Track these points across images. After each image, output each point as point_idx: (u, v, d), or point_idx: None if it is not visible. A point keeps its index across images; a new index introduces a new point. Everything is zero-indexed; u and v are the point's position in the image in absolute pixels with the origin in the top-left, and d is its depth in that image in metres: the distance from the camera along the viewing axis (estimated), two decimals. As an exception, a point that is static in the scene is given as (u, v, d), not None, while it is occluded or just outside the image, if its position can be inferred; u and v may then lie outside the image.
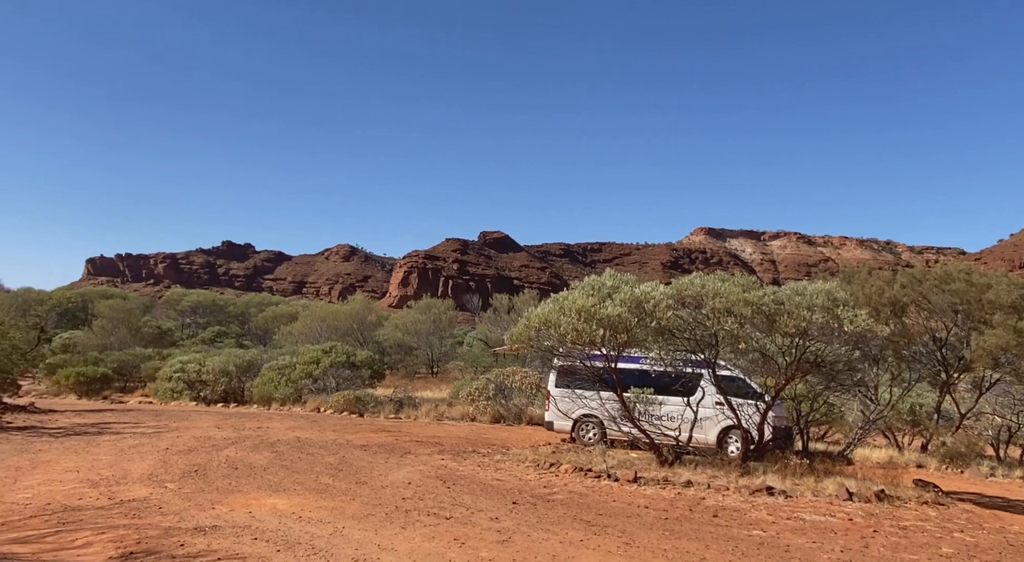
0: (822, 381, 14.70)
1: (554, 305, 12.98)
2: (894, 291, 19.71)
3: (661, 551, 6.59)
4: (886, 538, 7.59)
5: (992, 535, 8.26)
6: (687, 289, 12.97)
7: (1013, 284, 18.09)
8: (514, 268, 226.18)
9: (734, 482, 10.72)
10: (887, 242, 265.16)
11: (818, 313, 12.06)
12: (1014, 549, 7.58)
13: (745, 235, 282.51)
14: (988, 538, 8.06)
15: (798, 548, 6.92)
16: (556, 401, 16.12)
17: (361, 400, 23.11)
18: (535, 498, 9.12)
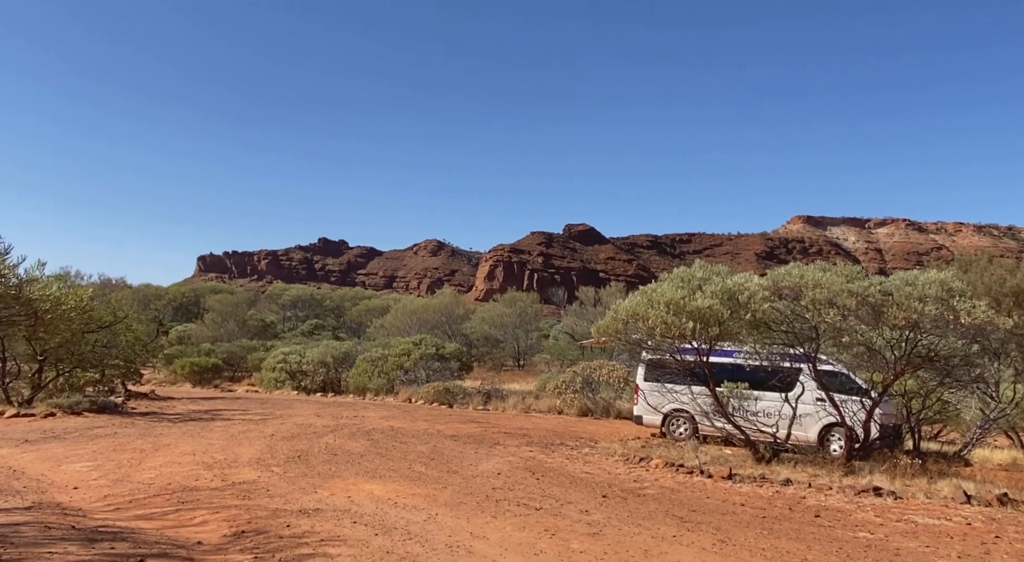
0: (935, 377, 13.73)
1: (642, 297, 12.76)
2: (1018, 280, 18.11)
3: (759, 550, 6.36)
4: (1010, 545, 7.00)
5: None
6: (784, 280, 12.43)
7: None
8: (599, 261, 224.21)
9: (837, 481, 10.20)
10: (1009, 228, 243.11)
11: (931, 304, 11.26)
12: None
13: (847, 223, 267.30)
14: None
15: (909, 552, 6.50)
16: (645, 395, 15.87)
17: (450, 391, 23.61)
18: (625, 492, 9.01)
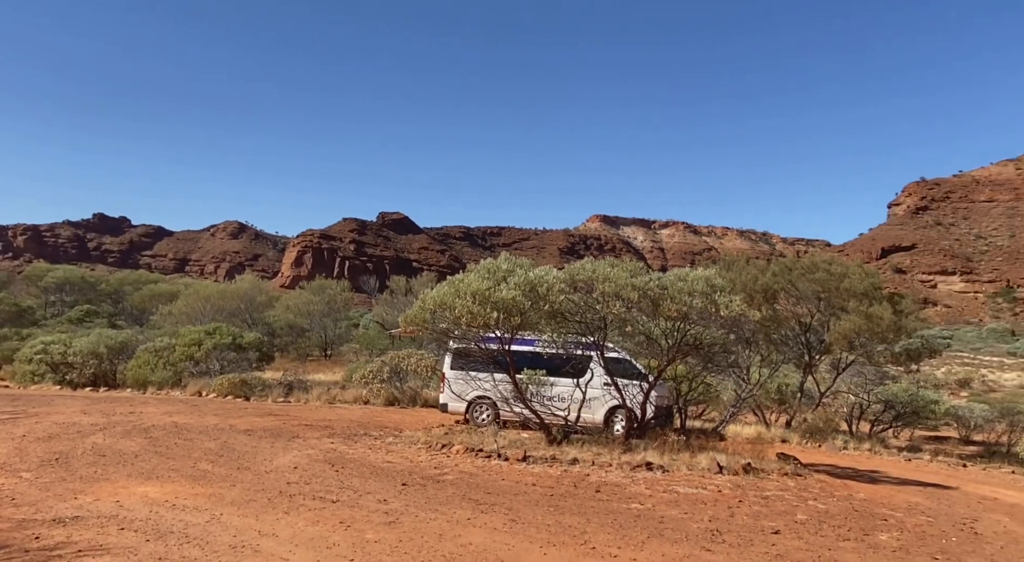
0: (700, 362, 15.59)
1: (449, 288, 12.98)
2: (766, 279, 21.20)
3: (545, 526, 6.82)
4: (749, 507, 8.22)
5: (841, 502, 9.14)
6: (579, 274, 13.34)
7: (865, 274, 19.92)
8: (413, 250, 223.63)
9: (617, 459, 11.22)
10: (764, 233, 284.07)
11: (698, 298, 12.77)
12: (858, 514, 8.43)
13: (637, 223, 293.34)
14: (837, 505, 8.92)
15: (671, 519, 7.36)
16: (450, 383, 16.19)
17: (247, 383, 22.19)
18: (425, 479, 9.15)
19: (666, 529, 6.87)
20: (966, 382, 47.61)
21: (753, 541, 6.60)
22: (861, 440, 19.99)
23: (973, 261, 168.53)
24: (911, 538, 7.29)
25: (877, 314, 19.27)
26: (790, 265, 22.27)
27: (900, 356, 21.74)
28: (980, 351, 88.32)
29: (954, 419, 25.69)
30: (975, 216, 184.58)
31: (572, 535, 6.51)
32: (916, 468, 15.38)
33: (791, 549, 6.42)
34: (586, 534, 6.57)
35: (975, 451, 21.67)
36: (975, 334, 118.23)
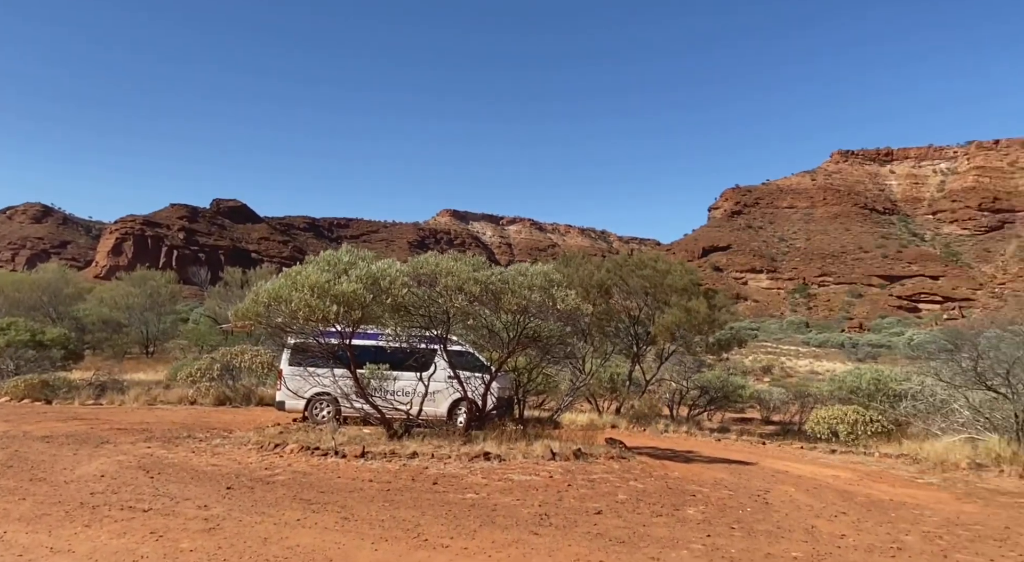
0: (539, 354, 16.20)
1: (286, 280, 12.43)
2: (601, 275, 22.51)
3: (379, 522, 6.76)
4: (577, 491, 8.71)
5: (657, 481, 9.95)
6: (422, 267, 13.33)
7: (686, 271, 21.78)
8: (252, 240, 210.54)
9: (456, 450, 11.38)
10: (603, 232, 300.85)
11: (536, 292, 13.26)
12: (671, 491, 9.23)
13: (487, 219, 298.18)
14: (654, 484, 9.70)
15: (504, 506, 7.62)
16: (288, 380, 15.53)
17: (50, 385, 19.77)
18: (254, 481, 8.71)
19: (498, 516, 7.10)
20: (768, 369, 53.65)
21: (577, 522, 7.01)
22: (680, 423, 21.85)
23: (777, 261, 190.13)
24: (714, 510, 8.11)
25: (695, 308, 21.16)
26: (621, 262, 23.81)
27: (714, 346, 24.03)
28: (781, 341, 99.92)
29: (757, 402, 28.89)
30: (779, 221, 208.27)
31: (405, 529, 6.52)
32: (725, 447, 17.08)
33: (610, 527, 6.90)
34: (420, 527, 6.61)
35: (773, 430, 24.48)
36: (777, 326, 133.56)
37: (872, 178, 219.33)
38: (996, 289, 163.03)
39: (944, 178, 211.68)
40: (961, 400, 17.56)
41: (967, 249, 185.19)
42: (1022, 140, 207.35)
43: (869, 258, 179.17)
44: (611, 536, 6.54)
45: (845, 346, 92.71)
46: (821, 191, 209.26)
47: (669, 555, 6.03)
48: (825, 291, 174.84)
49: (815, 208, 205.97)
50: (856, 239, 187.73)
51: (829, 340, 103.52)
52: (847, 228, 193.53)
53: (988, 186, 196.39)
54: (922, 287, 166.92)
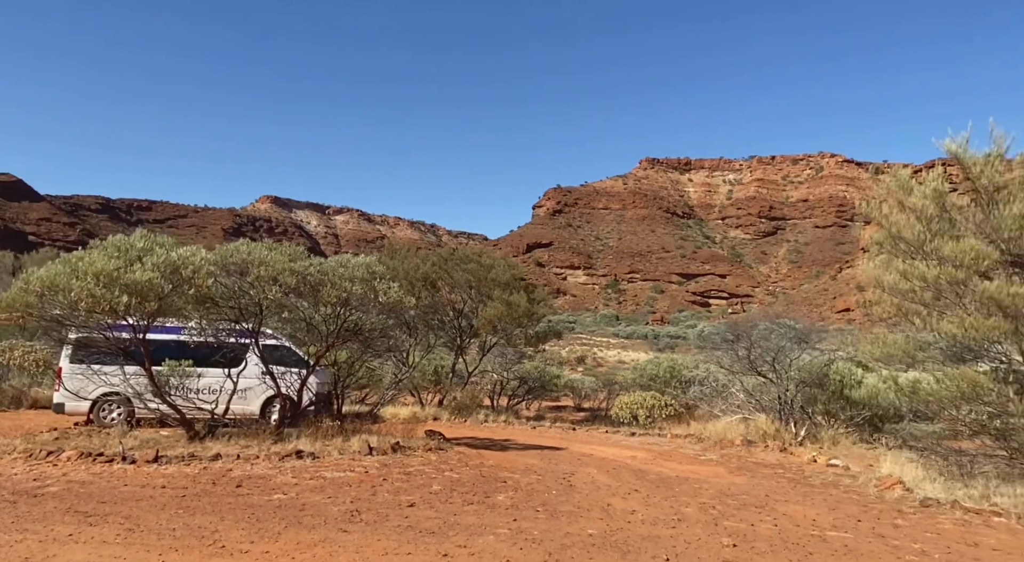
0: (361, 347, 15.87)
1: (64, 267, 10.98)
2: (427, 268, 22.56)
3: (169, 531, 6.23)
4: (392, 484, 8.67)
5: (472, 470, 10.21)
6: (232, 256, 12.45)
7: (508, 266, 22.53)
8: (29, 221, 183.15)
9: (266, 450, 10.81)
10: (432, 225, 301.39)
11: (358, 285, 12.96)
12: (485, 479, 9.51)
13: (312, 207, 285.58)
14: (469, 473, 9.94)
15: (313, 505, 7.38)
16: (68, 379, 13.79)
17: None
18: (17, 495, 7.60)
19: (306, 516, 6.86)
20: (582, 359, 57.17)
21: (389, 516, 6.99)
22: (500, 413, 22.58)
23: (593, 258, 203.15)
24: (523, 495, 8.49)
25: (516, 302, 21.96)
26: (447, 256, 24.04)
27: (533, 338, 25.10)
28: (595, 333, 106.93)
29: (571, 390, 30.72)
30: (595, 220, 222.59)
31: (200, 537, 6.07)
32: (539, 434, 17.94)
33: (422, 518, 6.97)
34: (217, 533, 6.20)
35: (584, 416, 26.16)
36: (592, 319, 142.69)
37: (674, 185, 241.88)
38: (770, 287, 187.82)
39: (732, 188, 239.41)
40: (738, 385, 20.00)
41: (748, 251, 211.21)
42: (792, 157, 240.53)
43: (670, 257, 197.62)
44: (422, 527, 6.61)
45: (649, 337, 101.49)
46: (631, 195, 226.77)
47: (476, 541, 6.22)
48: (634, 287, 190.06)
49: (626, 210, 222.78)
50: (660, 240, 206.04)
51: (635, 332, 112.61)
52: (653, 230, 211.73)
53: (766, 196, 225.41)
54: (712, 284, 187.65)
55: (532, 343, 25.62)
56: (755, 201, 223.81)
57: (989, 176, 9.63)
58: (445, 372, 25.16)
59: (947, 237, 10.13)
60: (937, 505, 9.23)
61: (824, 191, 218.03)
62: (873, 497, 9.96)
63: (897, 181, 10.50)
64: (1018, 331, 9.59)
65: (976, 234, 10.31)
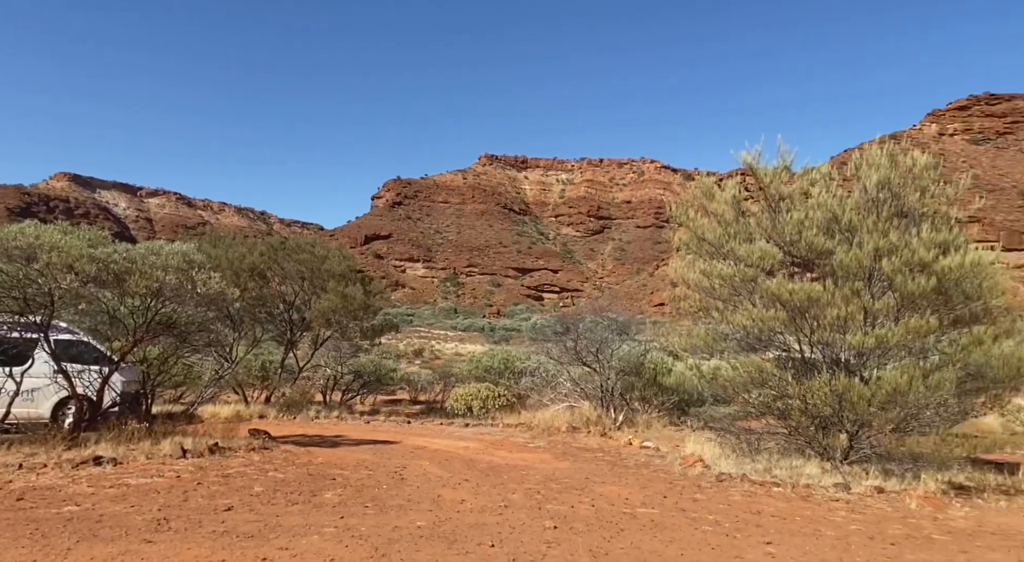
0: (177, 342, 14.63)
1: None
2: (254, 257, 21.26)
3: (-74, 558, 5.34)
4: (207, 488, 8.10)
5: (299, 469, 9.82)
6: (15, 239, 10.91)
7: (343, 257, 21.91)
8: None
9: (57, 457, 9.60)
10: (262, 212, 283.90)
11: (172, 274, 11.93)
12: (312, 477, 9.20)
13: (120, 188, 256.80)
14: (295, 472, 9.55)
15: (112, 515, 6.69)
16: None
17: None
18: None
19: (103, 528, 6.21)
20: (420, 352, 57.06)
21: (203, 522, 6.53)
22: (333, 409, 21.90)
23: (432, 251, 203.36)
24: (352, 492, 8.33)
25: (351, 294, 21.40)
26: (277, 246, 22.83)
27: (368, 331, 24.62)
28: (433, 326, 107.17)
29: (407, 384, 30.56)
30: (435, 214, 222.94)
31: (-32, 561, 5.27)
32: (373, 429, 17.67)
33: (240, 522, 6.59)
34: (-10, 555, 5.41)
35: (420, 409, 26.17)
36: (430, 312, 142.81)
37: (511, 182, 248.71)
38: (598, 282, 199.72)
39: (564, 187, 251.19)
40: (566, 375, 21.08)
41: (579, 248, 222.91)
42: (618, 160, 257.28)
43: (507, 252, 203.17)
44: (240, 532, 6.25)
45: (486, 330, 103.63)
46: (471, 189, 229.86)
47: (299, 542, 6.01)
48: (472, 281, 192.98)
49: (466, 205, 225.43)
50: (498, 235, 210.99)
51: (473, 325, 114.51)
52: (491, 225, 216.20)
53: (595, 196, 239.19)
54: (546, 279, 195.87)
55: (368, 336, 25.12)
56: (585, 201, 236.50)
57: (776, 186, 11.00)
58: (274, 368, 23.91)
59: (742, 239, 11.42)
60: (730, 479, 10.40)
61: (645, 194, 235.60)
62: (678, 474, 11.00)
63: (701, 187, 11.65)
64: (795, 322, 11.06)
65: (765, 237, 11.73)
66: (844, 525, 7.73)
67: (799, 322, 11.02)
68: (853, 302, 10.17)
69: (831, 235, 10.64)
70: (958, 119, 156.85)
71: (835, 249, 10.44)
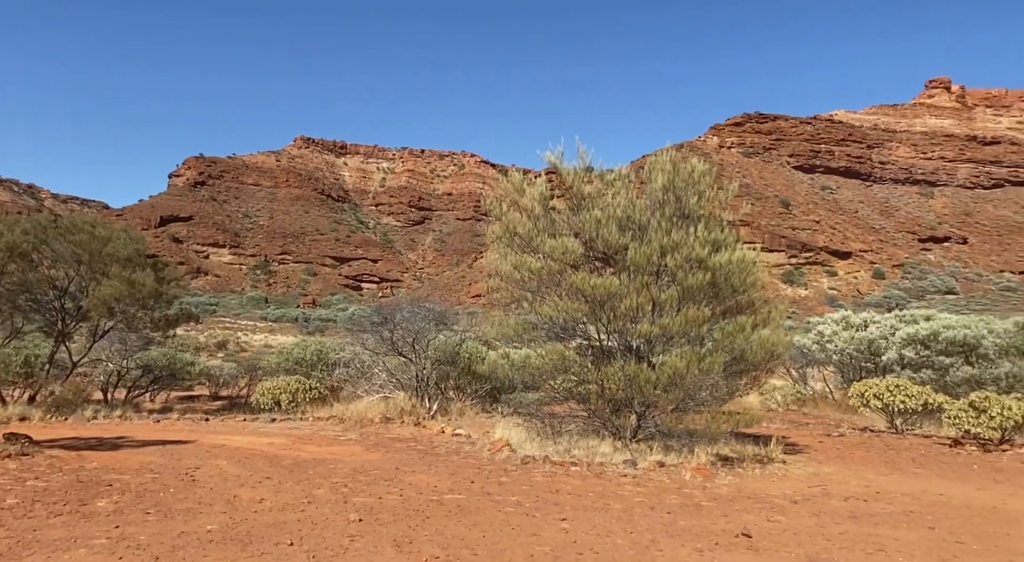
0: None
1: None
2: (15, 236, 18.34)
3: None
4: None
5: (67, 476, 8.68)
6: None
7: (131, 239, 19.69)
8: None
9: None
10: (31, 186, 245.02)
11: None
12: (83, 484, 8.17)
13: None
14: (62, 479, 8.43)
15: None
16: None
17: None
18: None
19: None
20: (224, 344, 53.11)
21: (-67, 546, 5.53)
22: (115, 408, 19.60)
23: (240, 236, 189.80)
24: (131, 498, 7.54)
25: (140, 281, 19.28)
26: (46, 224, 19.86)
27: (161, 322, 22.37)
28: (240, 316, 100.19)
29: (207, 378, 28.28)
30: (244, 196, 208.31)
31: None
32: (163, 428, 16.11)
33: (-15, 542, 5.68)
34: None
35: (221, 405, 24.33)
36: (237, 301, 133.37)
37: (329, 167, 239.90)
38: (418, 273, 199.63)
39: (385, 175, 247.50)
40: (381, 365, 20.83)
41: (399, 238, 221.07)
42: (440, 152, 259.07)
43: (324, 240, 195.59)
44: (-16, 553, 5.39)
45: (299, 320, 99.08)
46: (285, 173, 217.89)
47: (62, 558, 5.31)
48: (285, 268, 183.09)
49: (279, 188, 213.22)
50: (314, 222, 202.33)
51: (286, 315, 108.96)
52: (307, 211, 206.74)
53: (416, 187, 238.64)
54: (365, 268, 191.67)
55: (161, 327, 22.79)
56: (406, 191, 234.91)
57: (578, 185, 11.73)
58: (40, 363, 20.84)
59: (549, 235, 12.04)
60: (534, 461, 10.96)
61: (465, 187, 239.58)
62: (487, 460, 11.36)
63: (513, 183, 12.09)
64: (595, 313, 11.91)
65: (571, 233, 12.47)
66: (630, 498, 8.50)
67: (599, 313, 11.88)
68: (643, 294, 11.17)
69: (625, 233, 11.58)
70: (734, 134, 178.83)
71: (629, 245, 11.39)
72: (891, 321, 21.80)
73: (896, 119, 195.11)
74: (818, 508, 8.32)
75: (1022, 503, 8.96)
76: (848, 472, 10.92)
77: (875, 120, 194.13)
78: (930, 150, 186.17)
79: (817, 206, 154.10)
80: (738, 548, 6.54)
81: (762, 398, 22.92)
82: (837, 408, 21.23)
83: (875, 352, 21.02)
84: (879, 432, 15.82)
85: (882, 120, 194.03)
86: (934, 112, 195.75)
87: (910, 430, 15.78)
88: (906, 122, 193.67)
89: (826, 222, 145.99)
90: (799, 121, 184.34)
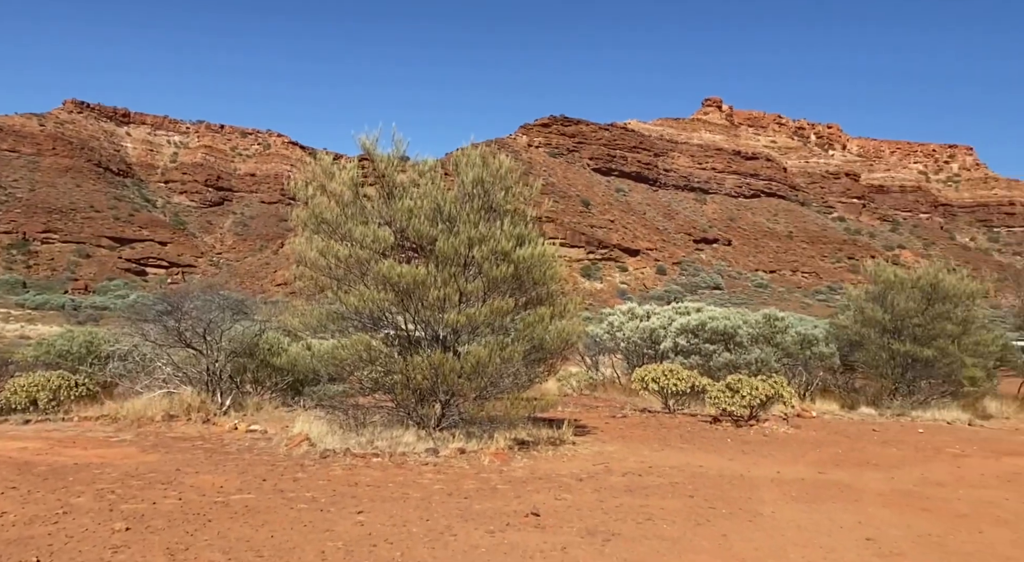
0: None
1: None
2: None
3: None
4: None
5: None
6: None
7: None
8: None
9: None
10: None
11: None
12: None
13: None
14: None
15: None
16: None
17: None
18: None
19: None
20: (-37, 336, 44.94)
21: None
22: None
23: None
24: None
25: None
26: None
27: None
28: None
29: (-63, 376, 23.69)
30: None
31: None
32: None
33: None
34: None
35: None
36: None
37: (108, 136, 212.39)
38: (215, 258, 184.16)
39: (177, 150, 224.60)
40: (165, 358, 18.90)
41: (193, 219, 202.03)
42: (242, 129, 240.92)
43: (101, 218, 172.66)
44: None
45: (66, 308, 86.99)
46: (51, 140, 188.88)
47: None
48: (50, 249, 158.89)
49: (43, 157, 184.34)
50: (88, 197, 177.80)
51: (49, 302, 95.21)
52: (79, 184, 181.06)
53: (214, 165, 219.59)
54: (151, 251, 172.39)
55: None
56: (203, 168, 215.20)
57: (391, 173, 11.56)
58: None
59: (359, 222, 11.73)
60: (334, 455, 10.64)
61: (271, 168, 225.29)
62: (283, 456, 10.81)
63: (322, 166, 11.60)
64: (403, 303, 11.83)
65: (382, 221, 12.25)
66: (429, 486, 8.59)
67: (407, 302, 11.82)
68: (451, 284, 11.31)
69: (436, 224, 11.64)
70: (542, 134, 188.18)
71: (438, 237, 11.46)
72: (669, 313, 24.31)
73: (678, 131, 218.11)
74: (600, 484, 9.05)
75: (762, 470, 10.50)
76: (627, 450, 12.01)
77: (661, 131, 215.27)
78: (704, 161, 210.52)
79: (612, 207, 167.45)
80: (527, 527, 6.90)
81: (559, 384, 24.38)
82: (623, 391, 23.25)
83: (655, 340, 23.32)
84: (656, 412, 17.59)
85: (667, 131, 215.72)
86: (708, 127, 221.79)
87: (680, 410, 17.73)
88: (686, 135, 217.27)
89: (620, 222, 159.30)
90: (599, 127, 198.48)
